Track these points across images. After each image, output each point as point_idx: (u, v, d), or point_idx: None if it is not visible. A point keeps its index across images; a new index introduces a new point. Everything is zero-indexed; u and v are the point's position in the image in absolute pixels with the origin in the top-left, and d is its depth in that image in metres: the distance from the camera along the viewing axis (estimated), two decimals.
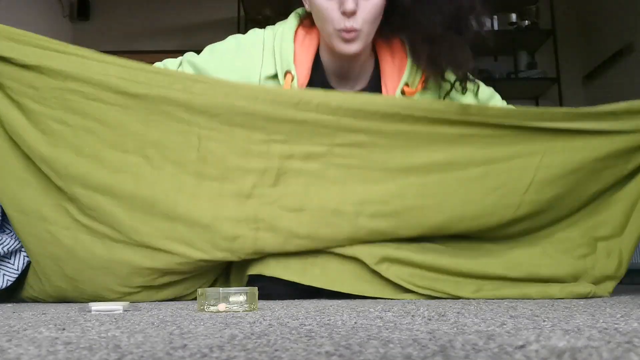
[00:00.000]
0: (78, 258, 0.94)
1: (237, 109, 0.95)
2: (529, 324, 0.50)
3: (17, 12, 3.68)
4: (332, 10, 1.03)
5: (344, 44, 1.05)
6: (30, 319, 0.63)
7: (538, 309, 0.72)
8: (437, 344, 0.37)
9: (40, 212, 0.94)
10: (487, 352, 0.33)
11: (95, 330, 0.49)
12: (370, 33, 1.07)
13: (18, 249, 1.01)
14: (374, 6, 1.04)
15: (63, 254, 0.95)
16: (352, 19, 1.02)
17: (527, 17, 4.27)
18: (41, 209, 0.95)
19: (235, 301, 0.71)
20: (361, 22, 1.03)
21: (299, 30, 1.14)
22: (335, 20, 1.03)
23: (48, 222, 0.94)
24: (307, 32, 1.13)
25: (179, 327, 0.51)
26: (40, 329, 0.49)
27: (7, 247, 0.98)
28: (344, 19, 1.03)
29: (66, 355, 0.34)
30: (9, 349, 0.36)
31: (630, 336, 0.40)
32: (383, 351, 0.34)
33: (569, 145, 1.04)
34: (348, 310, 0.69)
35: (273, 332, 0.46)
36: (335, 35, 1.05)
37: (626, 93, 3.95)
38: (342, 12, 1.02)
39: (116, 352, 0.35)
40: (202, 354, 0.34)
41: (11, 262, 1.00)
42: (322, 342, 0.38)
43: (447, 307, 0.76)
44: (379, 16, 1.06)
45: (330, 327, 0.49)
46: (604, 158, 1.05)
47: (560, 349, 0.34)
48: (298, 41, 1.12)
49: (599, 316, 0.59)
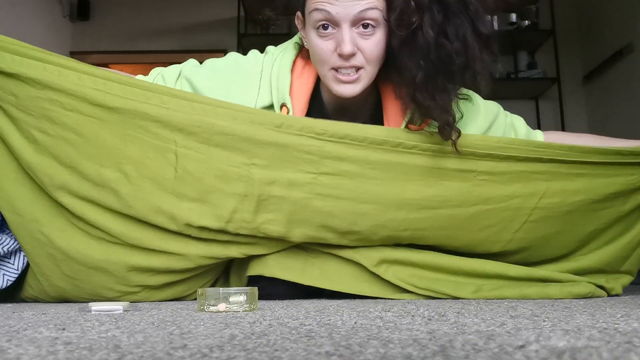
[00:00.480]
0: (74, 259, 0.94)
1: (216, 128, 0.91)
2: (529, 324, 0.50)
3: (17, 12, 3.68)
4: (328, 51, 0.97)
5: (342, 86, 0.98)
6: (30, 319, 0.63)
7: (538, 309, 0.72)
8: (437, 344, 0.37)
9: (34, 214, 0.93)
10: (487, 352, 0.33)
11: (95, 330, 0.49)
12: (372, 74, 0.99)
13: (18, 249, 1.01)
14: (375, 44, 0.96)
15: (58, 255, 0.94)
16: (351, 59, 0.96)
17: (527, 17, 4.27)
18: (34, 211, 0.93)
19: (235, 301, 0.71)
20: (363, 61, 0.97)
21: (297, 60, 1.08)
22: (331, 61, 0.97)
23: (41, 224, 0.93)
24: (305, 63, 1.08)
25: (179, 327, 0.51)
26: (40, 329, 0.49)
27: (7, 247, 0.98)
28: (342, 60, 0.96)
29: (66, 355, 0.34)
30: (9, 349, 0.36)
31: (630, 336, 0.40)
32: (383, 351, 0.34)
33: (568, 188, 1.01)
34: (348, 310, 0.69)
35: (273, 332, 0.46)
36: (331, 77, 0.98)
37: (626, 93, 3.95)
38: (339, 54, 0.95)
39: (116, 352, 0.35)
40: (202, 354, 0.34)
41: (11, 262, 1.00)
42: (322, 342, 0.38)
43: (447, 307, 0.76)
44: (382, 55, 0.98)
45: (330, 327, 0.49)
46: (602, 200, 1.03)
47: (560, 349, 0.34)
48: (296, 73, 1.06)
49: (599, 316, 0.59)
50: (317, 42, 0.98)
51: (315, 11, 0.95)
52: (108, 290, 0.96)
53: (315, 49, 0.99)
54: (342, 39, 0.94)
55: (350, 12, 0.94)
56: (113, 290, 0.96)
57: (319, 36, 0.97)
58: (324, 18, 0.95)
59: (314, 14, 0.96)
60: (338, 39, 0.95)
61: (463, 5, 0.92)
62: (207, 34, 4.60)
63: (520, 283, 0.98)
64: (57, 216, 0.94)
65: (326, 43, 0.97)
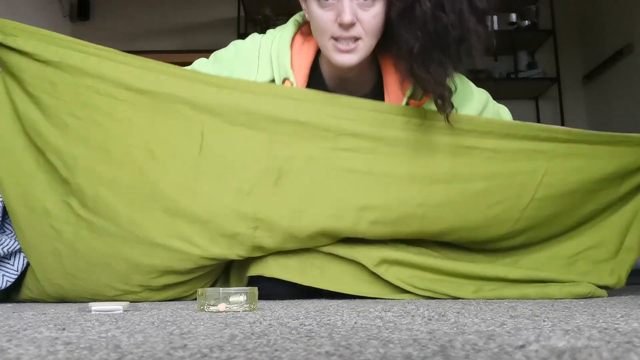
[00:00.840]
0: (79, 253, 0.95)
1: (241, 108, 0.97)
2: (529, 324, 0.50)
3: (17, 12, 3.68)
4: (328, 21, 0.99)
5: (340, 55, 1.01)
6: (30, 319, 0.63)
7: (538, 309, 0.72)
8: (437, 344, 0.37)
9: (45, 207, 0.96)
10: (487, 352, 0.33)
11: (95, 330, 0.49)
12: (370, 45, 1.02)
13: (18, 250, 1.01)
14: (374, 16, 0.99)
15: (64, 249, 0.96)
16: (350, 29, 0.98)
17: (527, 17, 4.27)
18: (46, 204, 0.97)
19: (235, 301, 0.71)
20: (362, 32, 0.99)
21: (296, 36, 1.11)
22: (331, 30, 1.00)
23: (51, 216, 0.96)
24: (305, 39, 1.11)
25: (179, 327, 0.51)
26: (40, 329, 0.49)
27: (7, 248, 0.98)
28: (341, 29, 0.99)
29: (66, 355, 0.34)
30: (9, 349, 0.36)
31: (630, 336, 0.40)
32: (383, 351, 0.34)
33: (568, 166, 1.05)
34: (348, 310, 0.69)
35: (273, 332, 0.46)
36: (331, 47, 1.01)
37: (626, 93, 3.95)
38: (339, 23, 0.98)
39: (116, 352, 0.35)
40: (202, 354, 0.34)
41: (11, 263, 1.01)
42: (322, 342, 0.38)
43: (447, 307, 0.76)
44: (380, 28, 1.01)
45: (330, 327, 0.49)
46: (600, 180, 1.08)
47: (560, 349, 0.34)
48: (295, 48, 1.10)
49: (599, 316, 0.59)
50: (318, 12, 1.00)
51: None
52: (109, 289, 0.96)
53: (316, 19, 1.01)
54: (342, 8, 0.97)
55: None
56: (114, 289, 0.96)
57: (319, 6, 1.00)
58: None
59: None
60: (338, 9, 0.98)
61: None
62: (207, 34, 4.60)
63: (520, 284, 0.98)
64: (66, 210, 0.96)
65: (327, 13, 0.99)
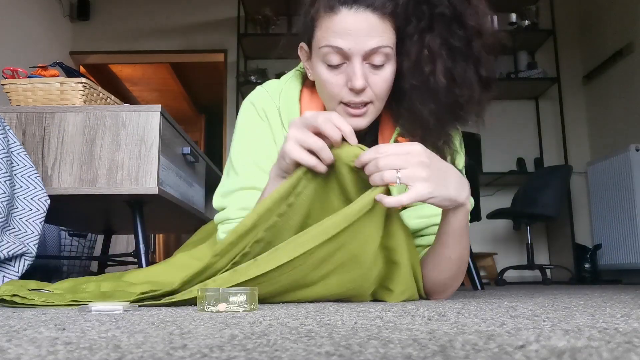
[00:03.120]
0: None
1: None
2: (529, 324, 0.50)
3: (17, 12, 3.68)
4: (337, 85, 0.95)
5: (351, 119, 0.97)
6: (30, 319, 0.63)
7: (538, 309, 0.72)
8: (437, 344, 0.37)
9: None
10: (487, 352, 0.33)
11: (95, 330, 0.49)
12: (379, 108, 0.99)
13: (20, 254, 1.01)
14: (385, 80, 0.95)
15: None
16: (361, 94, 0.95)
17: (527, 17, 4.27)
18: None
19: (235, 301, 0.71)
20: (372, 96, 0.96)
21: (304, 90, 1.08)
22: (341, 95, 0.96)
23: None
24: (312, 92, 1.07)
25: (179, 327, 0.51)
26: (40, 329, 0.49)
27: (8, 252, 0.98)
28: (351, 94, 0.95)
29: (66, 355, 0.34)
30: (9, 349, 0.36)
31: (630, 336, 0.40)
32: (383, 351, 0.34)
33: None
34: (348, 310, 0.69)
35: (273, 332, 0.46)
36: (340, 111, 0.97)
37: (626, 93, 3.95)
38: (350, 88, 0.94)
39: (116, 352, 0.35)
40: (202, 354, 0.34)
41: (12, 264, 1.01)
42: (322, 342, 0.38)
43: (447, 307, 0.76)
44: (390, 89, 0.98)
45: (330, 327, 0.49)
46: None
47: (560, 349, 0.34)
48: (305, 103, 1.06)
49: (599, 316, 0.59)
50: (327, 76, 0.96)
51: (326, 47, 0.94)
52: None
53: (324, 82, 0.97)
54: (353, 73, 0.93)
55: (363, 47, 0.92)
56: None
57: (329, 70, 0.96)
58: (336, 53, 0.93)
59: (325, 49, 0.94)
60: (349, 73, 0.94)
61: (468, 48, 0.93)
62: (207, 34, 4.60)
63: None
64: None
65: (336, 77, 0.95)
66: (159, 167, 1.55)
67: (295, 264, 0.81)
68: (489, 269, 4.15)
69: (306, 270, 0.83)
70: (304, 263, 0.81)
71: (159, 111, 1.57)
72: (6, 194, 1.21)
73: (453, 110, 0.95)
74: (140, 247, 1.63)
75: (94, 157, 1.54)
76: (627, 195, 3.58)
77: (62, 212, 1.83)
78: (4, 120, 1.41)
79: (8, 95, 1.62)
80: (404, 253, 0.91)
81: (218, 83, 4.93)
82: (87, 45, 4.56)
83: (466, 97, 0.93)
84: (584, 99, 4.51)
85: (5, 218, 1.00)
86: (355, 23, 0.91)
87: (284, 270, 0.81)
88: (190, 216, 2.02)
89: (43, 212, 1.34)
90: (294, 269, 0.81)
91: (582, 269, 3.86)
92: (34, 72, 1.64)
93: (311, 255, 0.81)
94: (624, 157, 3.60)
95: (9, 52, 3.51)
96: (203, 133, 6.72)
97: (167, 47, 4.59)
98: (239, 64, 4.32)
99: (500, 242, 4.44)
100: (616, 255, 3.65)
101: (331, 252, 0.83)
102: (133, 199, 1.61)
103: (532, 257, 3.89)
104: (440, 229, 0.94)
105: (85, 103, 1.60)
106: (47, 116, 1.56)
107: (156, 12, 4.62)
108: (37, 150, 1.54)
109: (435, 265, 0.97)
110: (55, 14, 4.25)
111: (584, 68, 4.47)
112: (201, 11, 4.63)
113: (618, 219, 3.66)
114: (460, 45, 0.92)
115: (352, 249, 0.84)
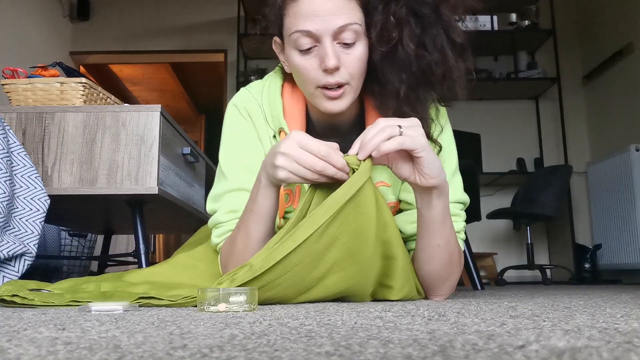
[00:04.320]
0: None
1: None
2: (529, 324, 0.50)
3: (17, 12, 3.68)
4: (312, 69, 0.95)
5: (330, 102, 0.97)
6: (30, 319, 0.63)
7: (538, 309, 0.72)
8: (437, 344, 0.37)
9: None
10: (487, 352, 0.33)
11: (95, 330, 0.49)
12: (357, 88, 0.98)
13: (21, 254, 1.01)
14: (358, 58, 0.95)
15: None
16: (336, 74, 0.94)
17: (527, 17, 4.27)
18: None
19: (235, 301, 0.71)
20: (347, 76, 0.95)
21: (285, 84, 1.08)
22: (317, 79, 0.95)
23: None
24: (293, 86, 1.07)
25: (179, 327, 0.51)
26: (40, 329, 0.49)
27: (7, 252, 0.98)
28: (327, 76, 0.94)
29: (66, 355, 0.34)
30: (9, 349, 0.36)
31: (630, 336, 0.40)
32: (383, 351, 0.34)
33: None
34: (348, 310, 0.69)
35: (273, 332, 0.46)
36: (318, 95, 0.97)
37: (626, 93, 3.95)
38: (323, 69, 0.94)
39: (116, 352, 0.35)
40: (202, 354, 0.34)
41: (12, 264, 1.01)
42: (322, 342, 0.38)
43: (447, 307, 0.76)
44: (364, 69, 0.97)
45: (330, 327, 0.49)
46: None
47: (560, 349, 0.34)
48: (286, 96, 1.07)
49: (599, 316, 0.59)
50: (300, 61, 0.96)
51: (296, 33, 0.94)
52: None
53: (299, 68, 0.97)
54: (325, 53, 0.93)
55: (330, 26, 0.92)
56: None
57: (301, 55, 0.96)
58: (305, 36, 0.94)
59: (294, 35, 0.95)
60: (321, 54, 0.94)
61: (436, 16, 0.93)
62: (207, 34, 4.60)
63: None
64: None
65: (309, 61, 0.95)
66: (159, 167, 1.55)
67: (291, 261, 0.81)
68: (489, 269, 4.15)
69: (303, 271, 0.83)
70: (300, 262, 0.82)
71: (159, 111, 1.57)
72: (6, 194, 1.21)
73: (426, 78, 0.93)
74: (140, 247, 1.63)
75: (94, 157, 1.54)
76: (627, 196, 3.58)
77: (62, 212, 1.83)
78: (4, 120, 1.41)
79: (8, 95, 1.62)
80: (399, 245, 0.91)
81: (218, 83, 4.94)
82: (87, 45, 4.56)
83: (438, 62, 0.92)
84: (583, 99, 4.51)
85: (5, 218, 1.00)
86: (320, 4, 0.92)
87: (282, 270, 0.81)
88: (190, 216, 2.02)
89: (43, 212, 1.34)
90: (290, 270, 0.82)
91: (582, 269, 3.86)
92: (34, 72, 1.64)
93: (306, 251, 0.81)
94: (624, 157, 3.60)
95: (9, 52, 3.51)
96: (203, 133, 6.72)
97: (167, 47, 4.59)
98: (239, 64, 4.33)
99: (500, 242, 4.44)
100: (616, 255, 3.65)
101: (326, 247, 0.83)
102: (133, 199, 1.61)
103: (532, 257, 3.89)
104: (425, 218, 0.94)
105: (85, 103, 1.60)
106: (47, 116, 1.56)
107: (156, 12, 4.62)
108: (37, 150, 1.54)
109: (425, 256, 0.97)
110: (55, 14, 4.25)
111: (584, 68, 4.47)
112: (201, 11, 4.63)
113: (618, 219, 3.66)
114: (428, 12, 0.92)
115: (346, 243, 0.84)
